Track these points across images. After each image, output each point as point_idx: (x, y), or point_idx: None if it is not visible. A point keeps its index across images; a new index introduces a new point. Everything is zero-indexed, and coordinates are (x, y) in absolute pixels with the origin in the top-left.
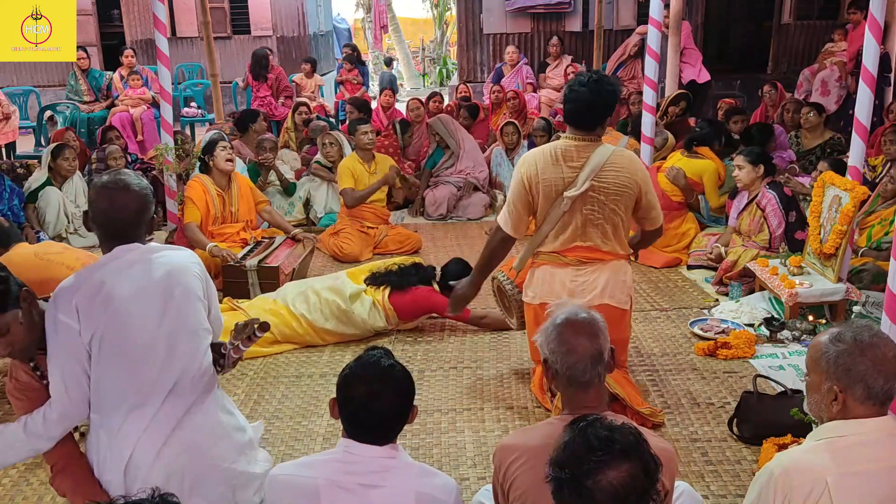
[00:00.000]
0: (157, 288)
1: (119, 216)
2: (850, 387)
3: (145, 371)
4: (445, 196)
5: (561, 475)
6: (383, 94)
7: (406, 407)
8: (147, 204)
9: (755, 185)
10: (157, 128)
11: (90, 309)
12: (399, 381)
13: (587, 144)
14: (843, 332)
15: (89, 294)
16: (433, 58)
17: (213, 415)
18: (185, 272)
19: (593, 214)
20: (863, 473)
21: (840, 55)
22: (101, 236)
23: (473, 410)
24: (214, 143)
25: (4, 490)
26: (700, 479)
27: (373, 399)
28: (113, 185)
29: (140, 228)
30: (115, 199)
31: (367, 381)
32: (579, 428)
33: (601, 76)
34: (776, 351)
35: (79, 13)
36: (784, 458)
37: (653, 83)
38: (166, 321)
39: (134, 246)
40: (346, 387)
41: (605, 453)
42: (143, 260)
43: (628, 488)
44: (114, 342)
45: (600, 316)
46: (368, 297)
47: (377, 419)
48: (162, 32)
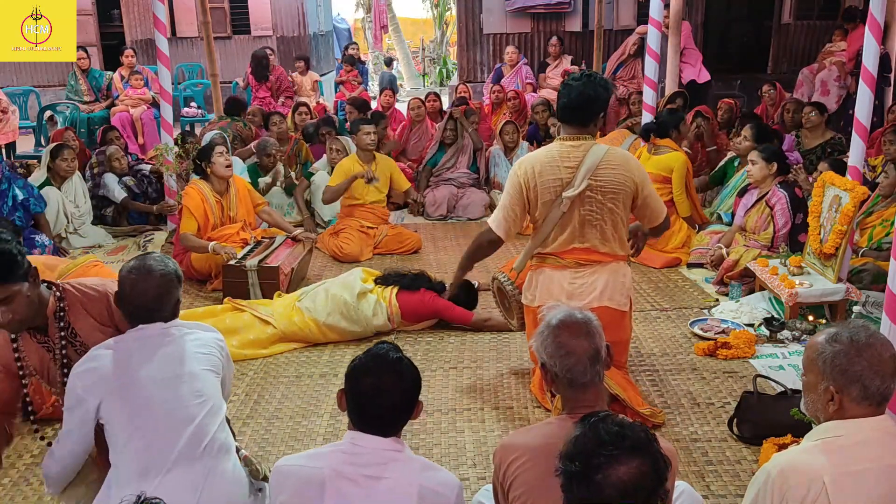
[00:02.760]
0: (172, 360)
1: (140, 301)
2: (846, 387)
3: (155, 441)
4: (445, 196)
5: (571, 468)
6: (383, 94)
7: (412, 401)
8: (171, 287)
9: (767, 182)
10: (157, 128)
11: (103, 381)
12: (407, 374)
13: (582, 144)
14: (840, 333)
15: (104, 365)
16: (433, 58)
17: (227, 480)
18: (206, 346)
19: (591, 215)
20: (860, 473)
21: (840, 55)
22: (127, 316)
23: (473, 410)
24: (211, 150)
25: (4, 490)
26: (700, 479)
27: (380, 391)
28: (136, 268)
29: (163, 311)
30: (137, 283)
31: (375, 373)
32: (591, 423)
33: (593, 73)
34: (776, 351)
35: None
36: (781, 458)
37: (653, 83)
38: (180, 394)
39: (156, 325)
40: (355, 378)
41: (616, 448)
42: (164, 334)
43: (637, 485)
44: (125, 413)
45: (594, 315)
46: (374, 295)
47: (384, 411)
48: (162, 32)
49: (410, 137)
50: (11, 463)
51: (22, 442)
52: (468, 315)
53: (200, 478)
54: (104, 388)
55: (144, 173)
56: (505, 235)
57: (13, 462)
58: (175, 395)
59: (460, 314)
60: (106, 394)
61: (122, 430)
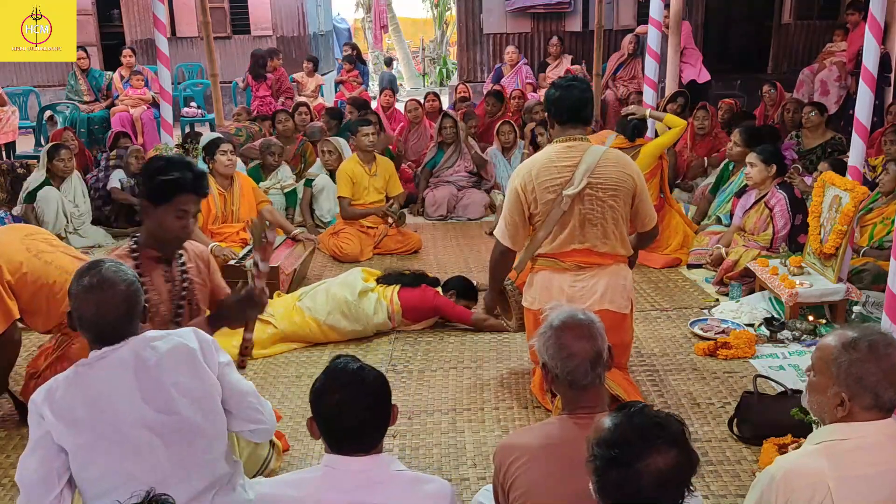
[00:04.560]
0: (148, 385)
1: (108, 319)
2: (858, 395)
3: (132, 469)
4: (445, 196)
5: (609, 454)
6: (383, 94)
7: (383, 409)
8: (136, 295)
9: (766, 183)
10: (157, 128)
11: (71, 411)
12: (370, 382)
13: (577, 144)
14: (859, 340)
15: (71, 393)
16: (433, 58)
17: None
18: (184, 360)
19: (592, 213)
20: (864, 477)
21: (840, 55)
22: (91, 340)
23: (473, 410)
24: (215, 146)
25: (4, 490)
26: (700, 479)
27: (347, 406)
28: (97, 286)
29: (132, 324)
30: (101, 302)
31: (337, 389)
32: (628, 413)
33: (576, 76)
34: (776, 351)
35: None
36: (785, 461)
37: (653, 83)
38: (159, 415)
39: (123, 344)
40: (318, 400)
41: (658, 437)
42: (134, 355)
43: (673, 475)
44: (96, 440)
45: (596, 317)
46: (375, 293)
47: (356, 425)
48: (162, 32)
49: (409, 138)
50: (12, 462)
51: (23, 442)
52: (467, 314)
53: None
54: (72, 421)
55: None
56: (512, 244)
57: (14, 462)
58: (151, 421)
59: (460, 312)
60: (76, 426)
61: (89, 459)
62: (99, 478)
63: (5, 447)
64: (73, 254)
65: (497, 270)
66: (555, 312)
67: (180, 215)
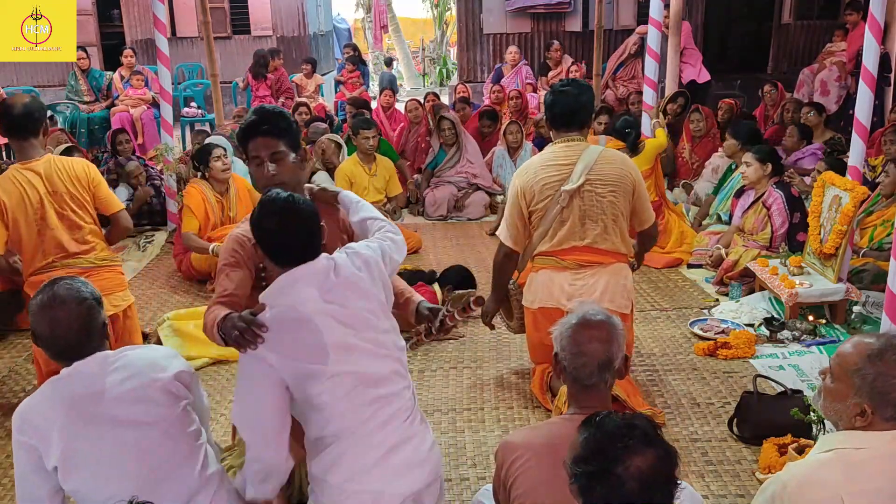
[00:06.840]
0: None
1: (64, 336)
2: (881, 408)
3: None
4: (445, 196)
5: (588, 469)
6: (383, 94)
7: (316, 224)
8: (93, 313)
9: (762, 183)
10: (157, 128)
11: (49, 433)
12: (301, 204)
13: (576, 144)
14: (885, 352)
15: (49, 419)
16: (433, 58)
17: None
18: (149, 386)
19: (592, 210)
20: (879, 490)
21: (840, 55)
22: (53, 357)
23: (473, 410)
24: (207, 154)
25: (4, 490)
26: (700, 479)
27: (289, 222)
28: (48, 304)
29: (92, 342)
30: (55, 320)
31: (275, 212)
32: (595, 422)
33: (575, 80)
34: (776, 351)
35: (79, 13)
36: (798, 470)
37: (653, 83)
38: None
39: (90, 361)
40: (260, 227)
41: (630, 438)
42: (102, 375)
43: (655, 474)
44: (79, 463)
45: (619, 321)
46: None
47: (303, 240)
48: (162, 32)
49: (409, 139)
50: (12, 462)
51: None
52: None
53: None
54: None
55: (156, 185)
56: (515, 245)
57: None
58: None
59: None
60: (60, 448)
61: (79, 483)
62: (88, 484)
63: (5, 447)
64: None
65: (501, 273)
66: (582, 307)
67: (257, 162)
